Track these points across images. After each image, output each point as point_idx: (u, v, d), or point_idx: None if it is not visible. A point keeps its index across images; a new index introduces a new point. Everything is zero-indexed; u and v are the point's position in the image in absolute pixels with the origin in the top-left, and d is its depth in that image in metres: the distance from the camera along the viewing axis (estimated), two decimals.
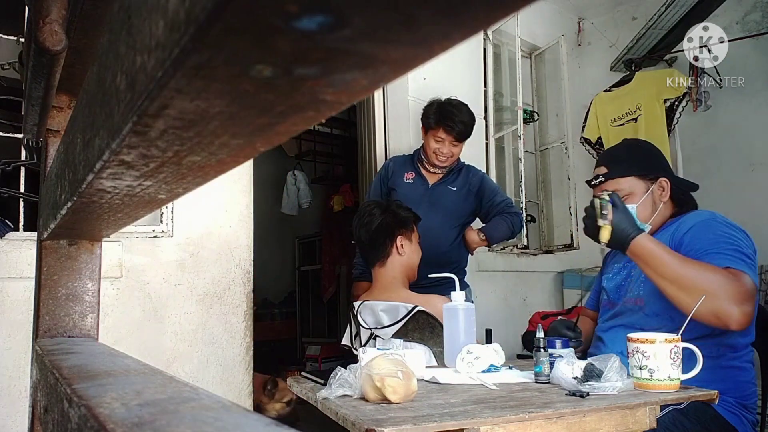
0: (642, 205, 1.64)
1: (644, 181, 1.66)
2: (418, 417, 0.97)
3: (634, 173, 1.66)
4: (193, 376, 2.16)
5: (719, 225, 1.52)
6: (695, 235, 1.52)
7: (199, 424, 0.29)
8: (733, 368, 1.53)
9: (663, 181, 1.67)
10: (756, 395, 1.58)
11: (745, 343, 1.57)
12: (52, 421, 0.50)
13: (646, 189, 1.66)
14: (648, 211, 1.66)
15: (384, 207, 2.05)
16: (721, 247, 1.45)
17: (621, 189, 1.65)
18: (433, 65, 3.04)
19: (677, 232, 1.58)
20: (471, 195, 2.58)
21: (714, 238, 1.48)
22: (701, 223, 1.54)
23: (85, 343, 0.78)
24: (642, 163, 1.69)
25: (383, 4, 0.16)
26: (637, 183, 1.66)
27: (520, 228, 2.63)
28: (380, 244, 1.97)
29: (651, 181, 1.67)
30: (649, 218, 1.66)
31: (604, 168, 1.71)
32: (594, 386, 1.18)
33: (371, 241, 1.97)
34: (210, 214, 2.29)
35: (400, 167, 2.66)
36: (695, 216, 1.59)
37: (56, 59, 0.66)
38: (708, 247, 1.47)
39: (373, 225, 1.97)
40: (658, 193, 1.67)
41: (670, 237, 1.59)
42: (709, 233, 1.50)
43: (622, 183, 1.66)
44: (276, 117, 0.24)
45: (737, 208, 3.48)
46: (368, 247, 1.99)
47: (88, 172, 0.38)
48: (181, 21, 0.19)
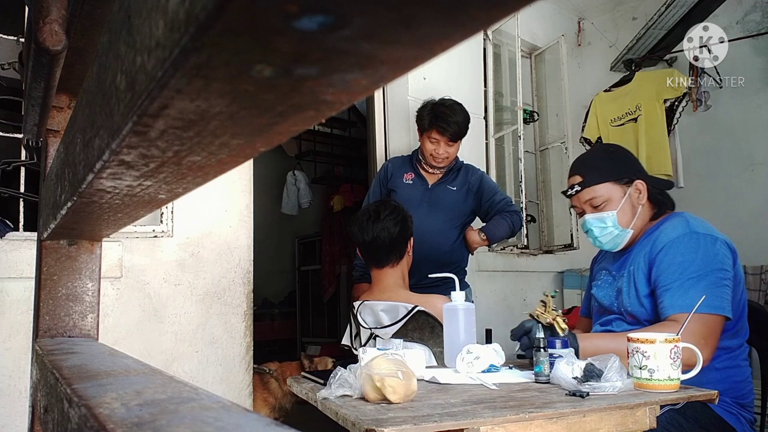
0: (621, 210, 1.64)
1: (620, 186, 1.65)
2: (418, 417, 0.97)
3: (609, 179, 1.65)
4: (193, 376, 2.16)
5: (687, 246, 1.52)
6: (663, 261, 1.54)
7: (199, 424, 0.29)
8: (729, 368, 1.54)
9: (639, 183, 1.66)
10: (753, 393, 1.59)
11: (739, 343, 1.58)
12: (52, 421, 0.50)
13: (623, 193, 1.65)
14: (628, 216, 1.65)
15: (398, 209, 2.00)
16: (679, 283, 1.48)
17: (598, 196, 1.65)
18: (433, 65, 3.04)
19: (654, 248, 1.58)
20: (471, 194, 2.58)
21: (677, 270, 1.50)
22: (672, 243, 1.54)
23: (85, 343, 0.78)
24: (615, 167, 1.68)
25: (383, 4, 0.16)
26: (613, 188, 1.65)
27: (520, 226, 2.62)
28: (400, 245, 1.94)
29: (627, 185, 1.66)
30: (630, 222, 1.65)
31: (579, 177, 1.70)
32: (594, 386, 1.18)
33: (393, 243, 1.92)
34: (210, 214, 2.29)
35: (399, 168, 2.65)
36: (671, 229, 1.59)
37: (56, 59, 0.66)
38: (670, 283, 1.50)
39: (395, 228, 1.92)
40: (636, 196, 1.66)
41: (648, 252, 1.59)
42: (675, 261, 1.51)
43: (599, 190, 1.65)
44: (276, 117, 0.24)
45: (737, 208, 3.49)
46: (386, 248, 1.92)
47: (88, 172, 0.38)
48: (181, 21, 0.19)
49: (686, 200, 3.66)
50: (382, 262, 1.95)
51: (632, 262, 1.64)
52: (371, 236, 1.92)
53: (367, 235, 1.93)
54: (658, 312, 1.54)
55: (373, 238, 1.92)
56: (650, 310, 1.57)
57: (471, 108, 2.73)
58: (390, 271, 1.95)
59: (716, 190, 3.60)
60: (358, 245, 2.04)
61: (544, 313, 1.48)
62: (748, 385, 1.58)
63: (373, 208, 2.02)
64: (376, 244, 1.92)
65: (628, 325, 1.62)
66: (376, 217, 1.94)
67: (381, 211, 1.96)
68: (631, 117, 3.63)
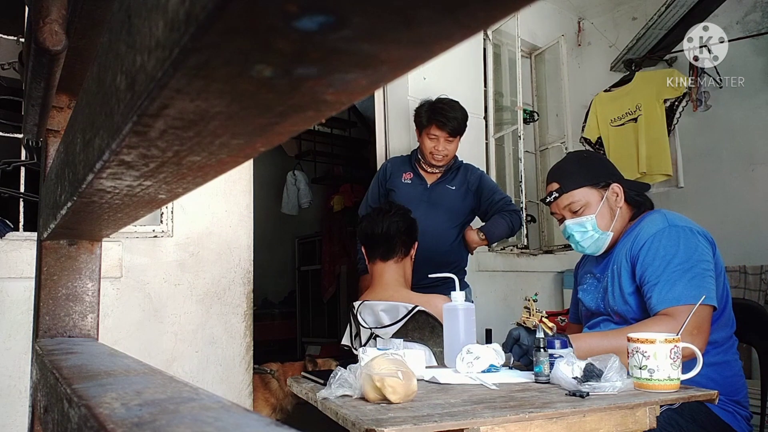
0: (599, 214, 1.67)
1: (597, 190, 1.69)
2: (418, 417, 0.97)
3: (586, 183, 1.68)
4: (193, 376, 2.16)
5: (668, 239, 1.54)
6: (646, 257, 1.56)
7: (199, 424, 0.29)
8: (718, 364, 1.54)
9: (615, 186, 1.70)
10: (746, 386, 1.61)
11: (727, 335, 1.59)
12: (52, 421, 0.50)
13: (601, 197, 1.68)
14: (607, 219, 1.68)
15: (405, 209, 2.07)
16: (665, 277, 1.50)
17: (576, 201, 1.68)
18: (433, 65, 3.04)
19: (635, 245, 1.61)
20: (470, 193, 2.58)
21: (661, 265, 1.52)
22: (653, 238, 1.57)
23: (85, 343, 0.79)
24: (591, 172, 1.71)
25: (383, 4, 0.16)
26: (590, 192, 1.68)
27: (520, 225, 2.62)
28: (407, 242, 1.98)
29: (603, 188, 1.69)
30: (609, 225, 1.68)
31: (556, 184, 1.73)
32: (594, 386, 1.18)
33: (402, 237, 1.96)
34: (210, 214, 2.29)
35: (398, 168, 2.65)
36: (650, 224, 1.61)
37: (56, 59, 0.66)
38: (656, 278, 1.52)
39: (404, 224, 1.98)
40: (613, 199, 1.69)
41: (630, 249, 1.62)
42: (658, 256, 1.53)
43: (576, 195, 1.68)
44: (276, 117, 0.24)
45: (737, 208, 3.49)
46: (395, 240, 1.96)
47: (88, 172, 0.38)
48: (181, 21, 0.19)
49: (686, 200, 3.66)
50: (390, 254, 1.97)
51: (615, 261, 1.66)
52: (382, 228, 1.97)
53: (378, 228, 1.98)
54: (644, 309, 1.57)
55: (383, 230, 1.97)
56: (636, 307, 1.59)
57: (471, 108, 2.73)
58: (394, 266, 1.97)
59: (716, 190, 3.60)
60: (366, 240, 2.05)
61: (530, 318, 1.49)
62: (741, 379, 1.58)
63: (383, 206, 2.11)
64: (387, 235, 1.97)
65: (615, 324, 1.64)
66: (387, 212, 2.01)
67: (391, 208, 2.05)
68: (631, 117, 3.63)
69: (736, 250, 3.36)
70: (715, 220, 3.55)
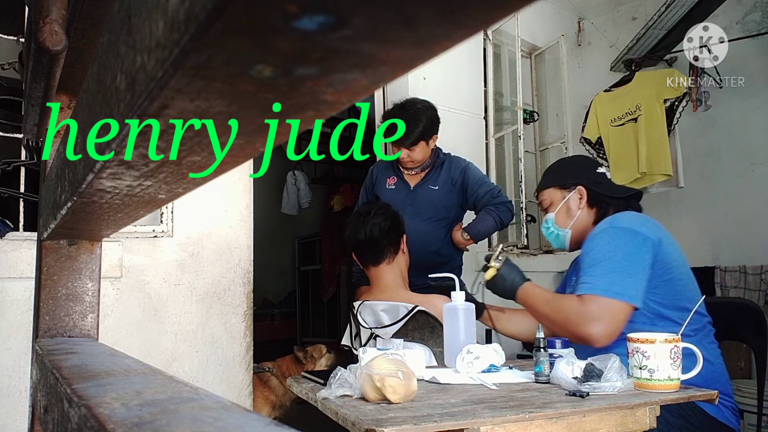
0: (558, 212, 1.83)
1: (561, 191, 1.83)
2: (418, 417, 0.97)
3: (554, 184, 1.85)
4: (193, 376, 2.16)
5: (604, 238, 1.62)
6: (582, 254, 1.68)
7: (199, 424, 0.29)
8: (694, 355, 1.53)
9: (581, 188, 1.80)
10: (727, 376, 1.61)
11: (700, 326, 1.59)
12: (52, 421, 0.50)
13: (563, 197, 1.83)
14: (564, 218, 1.82)
15: (386, 206, 2.05)
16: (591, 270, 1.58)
17: (545, 199, 1.87)
18: (433, 65, 3.04)
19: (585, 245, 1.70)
20: (454, 190, 2.51)
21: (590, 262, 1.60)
22: (592, 238, 1.66)
23: (85, 343, 0.79)
24: (561, 174, 1.87)
25: (383, 4, 0.16)
26: (555, 193, 1.84)
27: (510, 217, 2.50)
28: (394, 240, 1.96)
29: (568, 190, 1.82)
30: (567, 224, 1.81)
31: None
32: (594, 386, 1.18)
33: (386, 238, 1.94)
34: (210, 214, 2.29)
35: (383, 173, 2.63)
36: (598, 227, 1.70)
37: (56, 59, 0.66)
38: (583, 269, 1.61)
39: (386, 223, 1.96)
40: (576, 200, 1.81)
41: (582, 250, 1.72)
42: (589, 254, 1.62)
43: (544, 195, 1.87)
44: (276, 117, 0.24)
45: (737, 208, 3.49)
46: (380, 244, 1.95)
47: (88, 172, 0.38)
48: (181, 21, 0.19)
49: (686, 200, 3.66)
50: (378, 258, 1.96)
51: (577, 262, 1.76)
52: (364, 234, 1.95)
53: (360, 234, 1.96)
54: None
55: (366, 235, 1.95)
56: None
57: (471, 108, 2.73)
58: (387, 268, 1.96)
59: (716, 190, 3.60)
60: (353, 248, 2.04)
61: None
62: (721, 367, 1.59)
63: (362, 209, 2.10)
64: (371, 240, 1.95)
65: None
66: (366, 215, 1.99)
67: (370, 210, 2.02)
68: (631, 117, 3.62)
69: (736, 250, 3.36)
70: (715, 220, 3.55)
